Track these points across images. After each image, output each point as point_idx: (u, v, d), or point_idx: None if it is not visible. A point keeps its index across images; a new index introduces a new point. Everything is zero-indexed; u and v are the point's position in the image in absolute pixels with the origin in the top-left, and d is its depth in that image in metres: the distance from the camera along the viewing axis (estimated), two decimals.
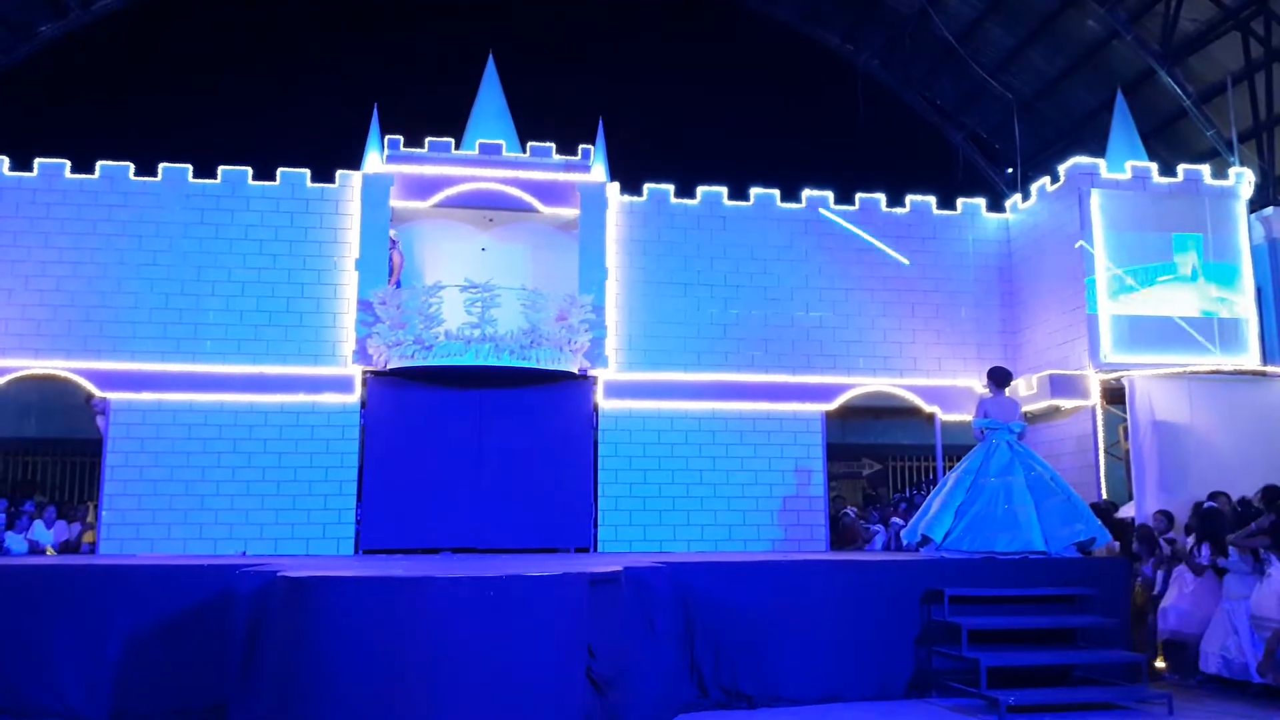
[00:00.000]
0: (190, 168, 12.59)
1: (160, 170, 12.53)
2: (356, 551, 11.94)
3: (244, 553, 11.33)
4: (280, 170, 12.71)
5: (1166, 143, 15.81)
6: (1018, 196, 14.04)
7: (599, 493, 12.46)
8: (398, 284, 12.58)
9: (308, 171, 12.75)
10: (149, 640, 7.23)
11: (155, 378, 11.98)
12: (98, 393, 11.90)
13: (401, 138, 12.75)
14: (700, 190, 13.38)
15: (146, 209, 12.40)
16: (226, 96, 20.21)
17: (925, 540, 9.52)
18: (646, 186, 13.30)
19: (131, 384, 11.94)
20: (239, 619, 6.91)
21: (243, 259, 12.43)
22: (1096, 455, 12.33)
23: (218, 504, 11.83)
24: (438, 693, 5.93)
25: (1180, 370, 12.09)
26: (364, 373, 12.28)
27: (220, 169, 12.63)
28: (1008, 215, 14.07)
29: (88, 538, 12.05)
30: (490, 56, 13.97)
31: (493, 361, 11.79)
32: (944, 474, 10.44)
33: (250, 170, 12.65)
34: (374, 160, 12.66)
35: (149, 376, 11.97)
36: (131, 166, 12.50)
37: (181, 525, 11.72)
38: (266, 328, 12.30)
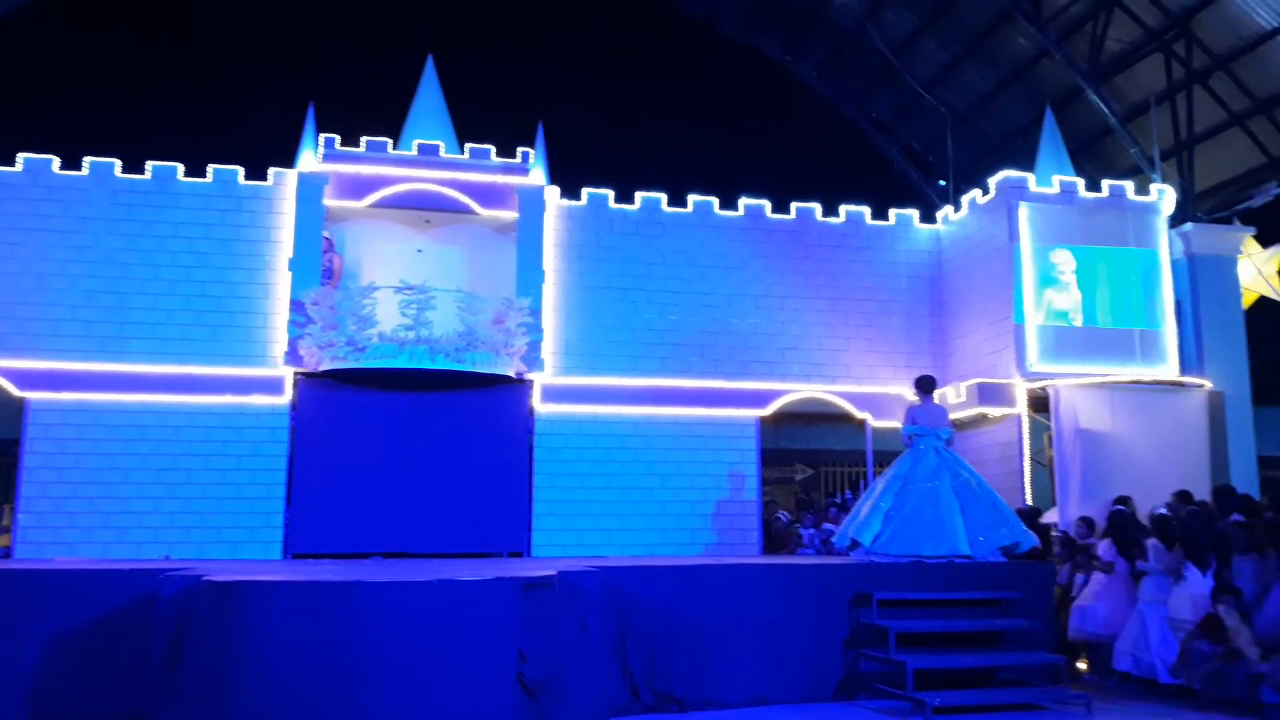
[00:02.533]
0: (118, 162, 12.28)
1: (86, 164, 12.22)
2: (285, 556, 11.74)
3: (167, 557, 11.08)
4: (212, 167, 12.46)
5: (1092, 159, 16.25)
6: (949, 208, 14.32)
7: (534, 497, 12.41)
8: (337, 288, 12.43)
9: (241, 169, 12.53)
10: (68, 647, 7.06)
11: (77, 377, 11.66)
12: (16, 392, 11.55)
13: (338, 136, 12.59)
14: (639, 196, 13.42)
15: (71, 204, 12.08)
16: (157, 90, 19.80)
17: (854, 544, 9.67)
18: (585, 191, 13.31)
19: (52, 383, 11.60)
20: (162, 625, 6.75)
21: (171, 256, 12.17)
22: (1021, 462, 12.62)
23: (141, 507, 11.54)
24: (366, 699, 5.87)
25: (1102, 380, 12.45)
26: (295, 374, 12.09)
27: (149, 164, 12.36)
28: (939, 226, 14.35)
29: (2, 541, 11.68)
30: (430, 57, 13.86)
31: (427, 364, 11.68)
32: (874, 479, 10.60)
33: (181, 166, 12.39)
34: (309, 159, 12.49)
35: (70, 376, 11.65)
36: (56, 160, 12.15)
37: (103, 529, 11.42)
38: (195, 327, 12.05)
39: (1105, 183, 13.46)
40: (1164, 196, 13.41)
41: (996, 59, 17.19)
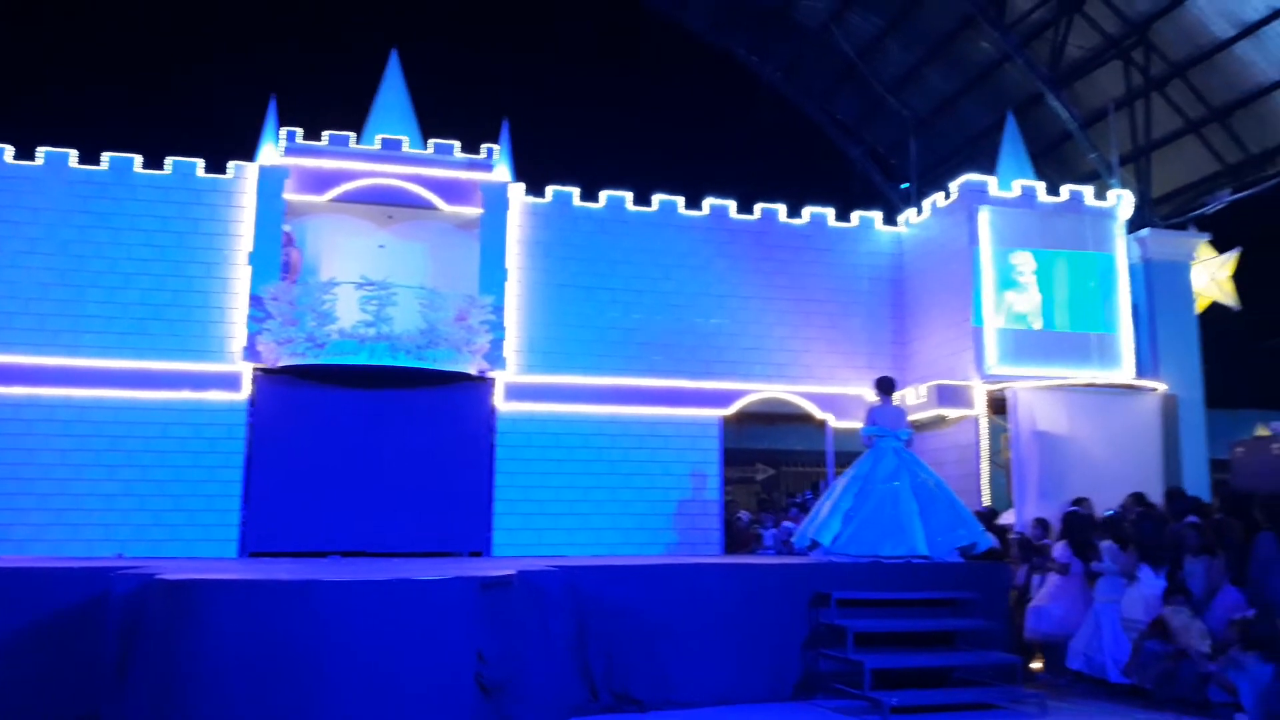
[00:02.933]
0: (74, 153, 12.07)
1: (40, 154, 11.99)
2: (241, 554, 11.60)
3: (120, 555, 10.88)
4: (170, 159, 12.28)
5: (1052, 163, 16.45)
6: (911, 211, 14.43)
7: (495, 496, 12.35)
8: (295, 282, 12.29)
9: (200, 161, 12.35)
10: (16, 647, 6.90)
11: (30, 371, 11.45)
12: None
13: (299, 130, 12.46)
14: (604, 194, 13.40)
15: (24, 194, 11.85)
16: (115, 80, 19.48)
17: (814, 544, 9.72)
18: (550, 188, 13.26)
19: (3, 377, 11.39)
20: (113, 624, 6.63)
21: (128, 250, 11.98)
22: (979, 463, 12.76)
23: (93, 504, 11.36)
24: (322, 699, 5.81)
25: (1060, 383, 12.61)
26: (253, 370, 11.95)
27: (106, 155, 12.15)
28: (901, 229, 14.45)
29: None
30: (394, 50, 13.74)
31: (388, 361, 11.59)
32: (834, 479, 10.66)
33: (139, 158, 12.20)
34: (270, 152, 12.34)
35: (23, 370, 11.44)
36: (10, 149, 11.92)
37: (54, 526, 11.21)
38: (151, 321, 11.87)
39: (1065, 187, 13.63)
40: (1122, 202, 13.61)
41: (959, 63, 17.36)
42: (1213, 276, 14.29)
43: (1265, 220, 15.07)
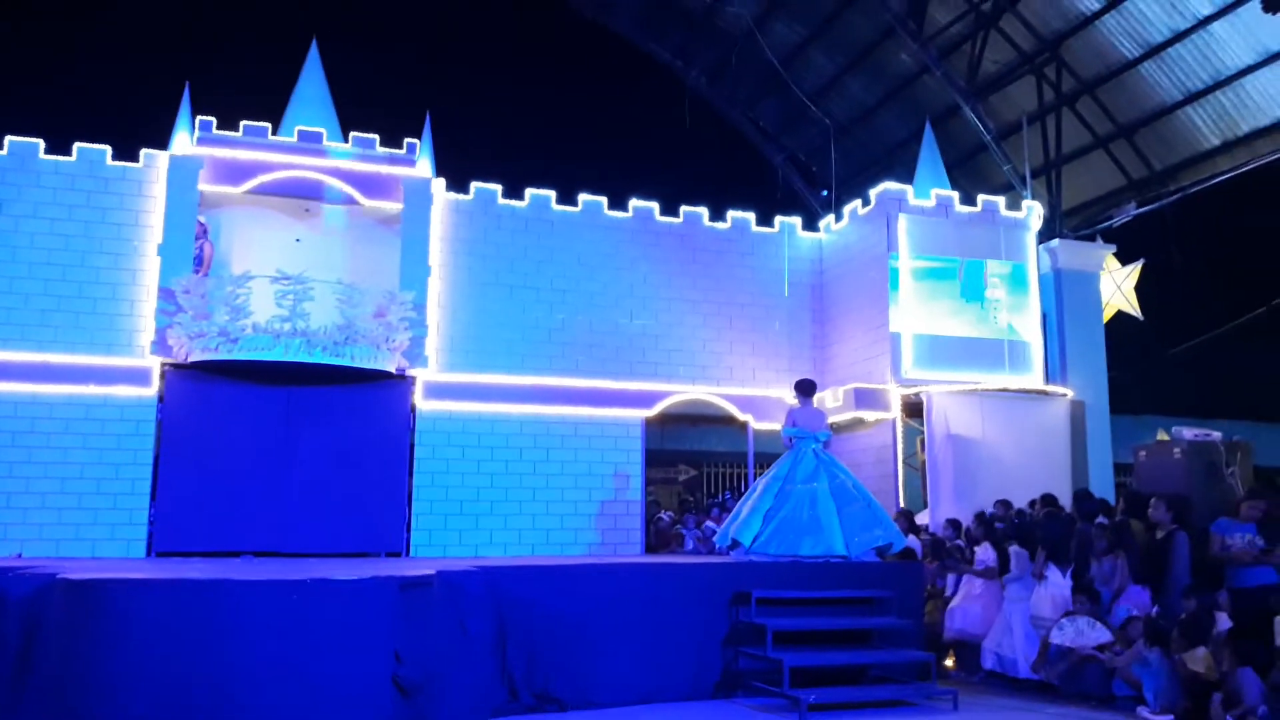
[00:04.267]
0: None
1: None
2: (149, 554, 11.22)
3: (19, 554, 10.45)
4: (77, 145, 11.83)
5: (968, 174, 16.87)
6: (831, 218, 14.65)
7: (414, 496, 12.16)
8: (207, 275, 11.95)
9: (109, 148, 11.92)
10: None
11: None
12: None
13: (214, 119, 12.12)
14: (529, 193, 13.31)
15: None
16: (17, 61, 18.71)
17: (735, 544, 9.79)
18: (474, 185, 13.13)
19: None
20: (11, 626, 6.37)
21: (30, 238, 11.50)
22: (896, 465, 13.00)
23: None
24: (233, 701, 5.65)
25: (973, 388, 12.93)
26: (163, 365, 11.57)
27: (7, 139, 11.66)
28: (821, 235, 14.67)
29: None
30: (314, 41, 13.46)
31: (303, 358, 11.32)
32: (755, 480, 10.75)
33: (42, 143, 11.73)
34: (183, 141, 11.98)
35: None
36: None
37: None
38: (55, 313, 11.42)
39: (980, 198, 13.98)
40: (1033, 213, 14.01)
41: (880, 74, 17.69)
42: (1118, 287, 14.82)
43: (1166, 233, 15.67)
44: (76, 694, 5.71)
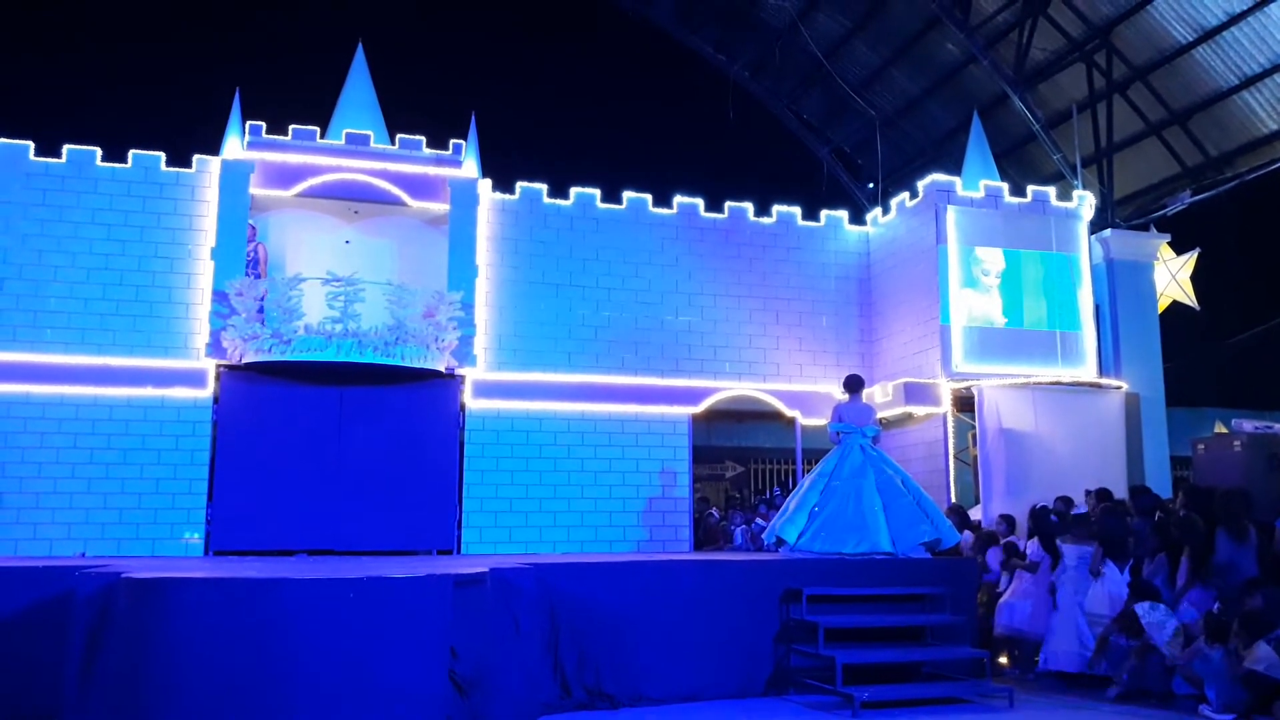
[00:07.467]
0: (32, 145, 11.84)
1: None
2: (207, 553, 11.44)
3: (83, 554, 10.71)
4: (132, 152, 12.08)
5: (1017, 164, 16.64)
6: (878, 211, 14.53)
7: (464, 494, 12.29)
8: (260, 278, 12.14)
9: (163, 155, 12.16)
10: None
11: None
12: None
13: (264, 124, 12.31)
14: (573, 191, 13.37)
15: None
16: (75, 72, 19.14)
17: (780, 541, 9.75)
18: (519, 185, 13.20)
19: None
20: (77, 624, 6.51)
21: (89, 244, 11.77)
22: (946, 460, 12.87)
23: (55, 502, 11.15)
24: (293, 699, 5.73)
25: (1025, 381, 12.76)
26: (218, 367, 11.79)
27: (66, 148, 11.93)
28: (868, 229, 14.55)
29: None
30: (360, 45, 13.61)
31: (355, 358, 11.47)
32: (802, 476, 10.71)
33: (99, 151, 11.99)
34: (234, 146, 12.18)
35: None
36: None
37: (14, 525, 11.00)
38: (113, 317, 11.68)
39: (1029, 188, 13.79)
40: (1084, 203, 13.79)
41: (925, 64, 17.49)
42: (1173, 277, 14.53)
43: (1223, 222, 15.34)
44: (139, 692, 5.83)
